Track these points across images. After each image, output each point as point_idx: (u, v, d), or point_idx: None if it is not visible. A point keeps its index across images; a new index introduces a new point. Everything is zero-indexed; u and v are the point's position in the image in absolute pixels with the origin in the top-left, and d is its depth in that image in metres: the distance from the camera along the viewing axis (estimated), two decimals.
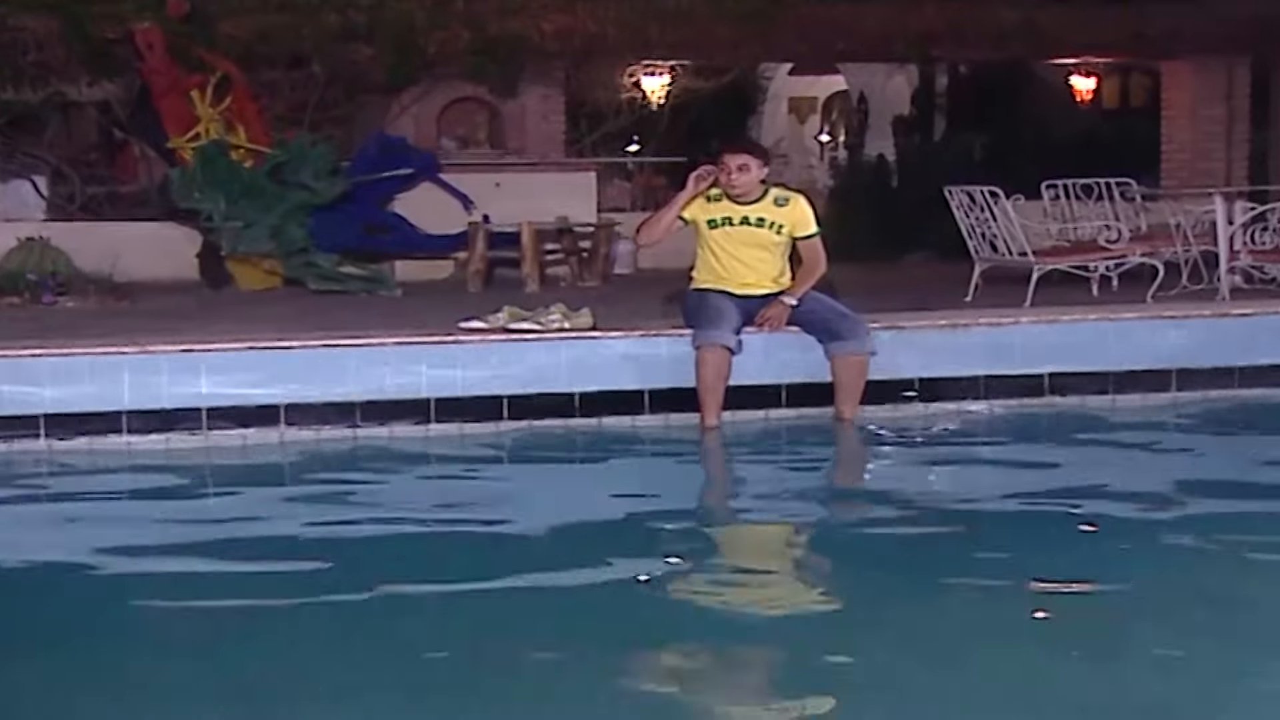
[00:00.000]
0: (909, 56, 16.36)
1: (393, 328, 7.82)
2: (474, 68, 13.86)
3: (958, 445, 7.21)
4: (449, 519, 5.87)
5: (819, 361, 7.44)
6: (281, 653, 4.28)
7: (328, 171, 11.78)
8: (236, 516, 5.90)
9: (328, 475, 6.62)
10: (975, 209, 10.59)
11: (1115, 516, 5.65)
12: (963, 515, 5.82)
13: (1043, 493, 6.14)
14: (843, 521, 6.00)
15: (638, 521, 5.76)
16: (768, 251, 7.50)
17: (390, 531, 5.67)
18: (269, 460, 6.84)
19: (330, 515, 5.89)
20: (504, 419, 7.28)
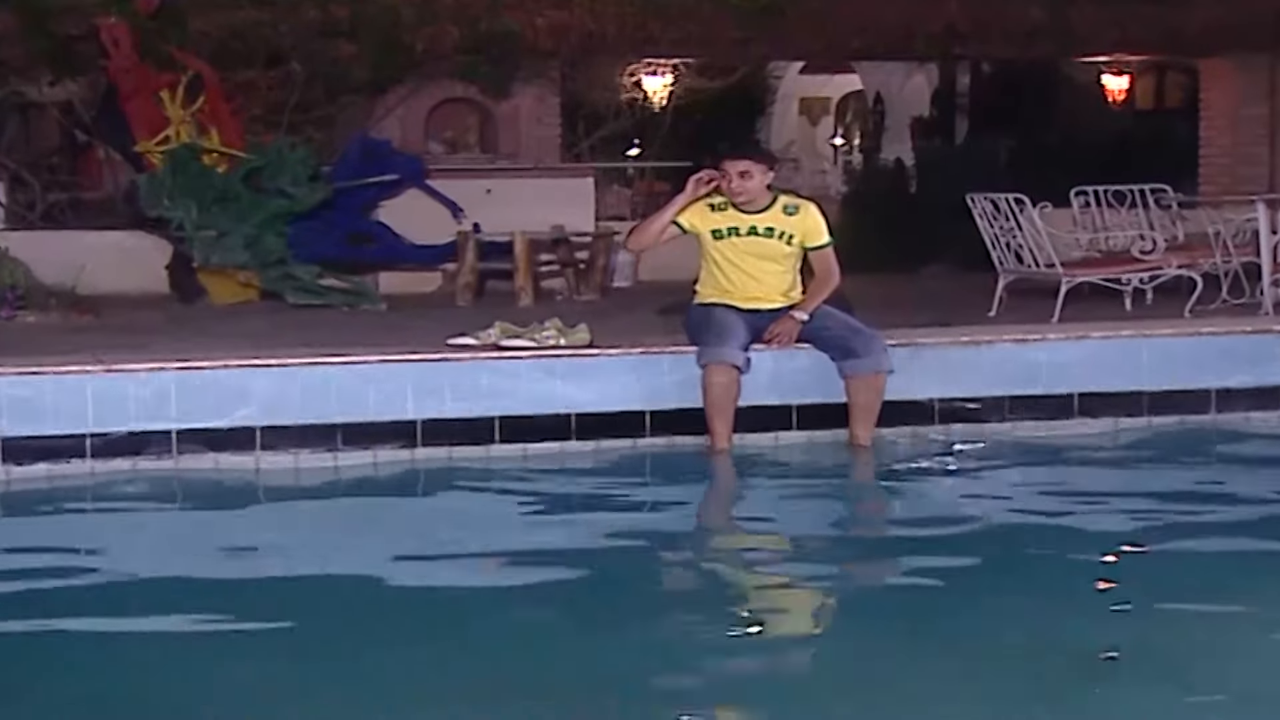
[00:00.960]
0: (929, 54, 16.40)
1: (376, 345, 7.83)
2: (464, 66, 13.88)
3: (981, 471, 7.22)
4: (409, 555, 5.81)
5: (832, 381, 7.45)
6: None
7: (307, 177, 11.79)
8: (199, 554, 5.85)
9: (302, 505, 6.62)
10: (999, 217, 10.60)
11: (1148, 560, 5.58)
12: (986, 548, 5.79)
13: (1073, 525, 6.13)
14: (858, 555, 5.98)
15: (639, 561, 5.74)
16: (777, 263, 7.51)
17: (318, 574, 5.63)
18: (244, 484, 6.85)
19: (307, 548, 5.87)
20: (495, 442, 7.29)
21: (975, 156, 16.97)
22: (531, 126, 14.61)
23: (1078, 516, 6.27)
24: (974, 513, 6.42)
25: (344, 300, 11.51)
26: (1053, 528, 6.10)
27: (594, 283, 12.60)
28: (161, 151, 11.72)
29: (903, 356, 7.62)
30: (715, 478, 7.22)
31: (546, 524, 6.33)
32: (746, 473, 7.16)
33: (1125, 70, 18.61)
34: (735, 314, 7.44)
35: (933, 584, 5.34)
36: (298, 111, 13.72)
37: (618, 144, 17.76)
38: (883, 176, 17.39)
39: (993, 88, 19.40)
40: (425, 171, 13.18)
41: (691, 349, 7.40)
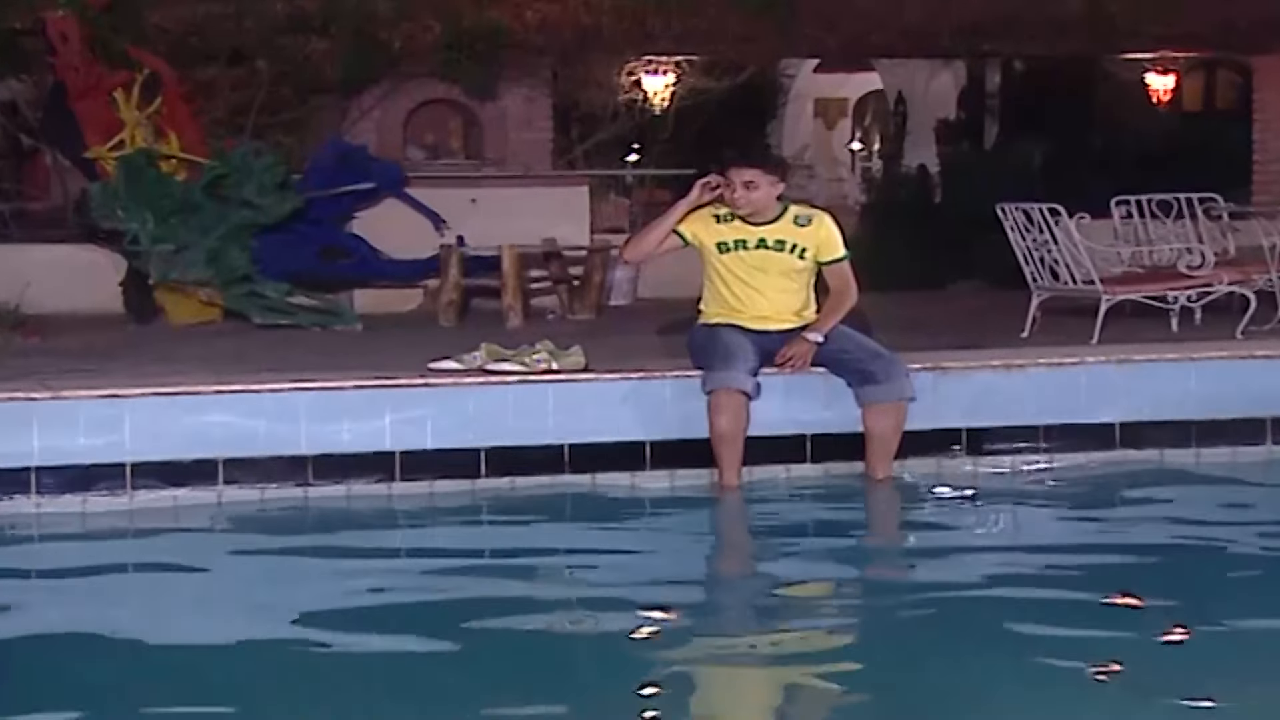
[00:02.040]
0: (955, 51, 16.45)
1: (351, 369, 7.83)
2: (446, 65, 13.91)
3: (1013, 509, 7.22)
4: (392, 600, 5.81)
5: (849, 409, 7.45)
6: None
7: (275, 186, 11.80)
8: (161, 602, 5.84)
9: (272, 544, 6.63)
10: (1033, 229, 10.61)
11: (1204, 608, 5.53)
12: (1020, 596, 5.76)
13: (1114, 566, 6.12)
14: (877, 602, 5.96)
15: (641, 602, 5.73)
16: (788, 279, 7.52)
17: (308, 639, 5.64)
18: (202, 524, 6.85)
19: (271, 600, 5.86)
20: (481, 476, 7.30)
21: (1006, 163, 16.97)
22: (520, 130, 14.64)
23: (1117, 558, 6.26)
24: (1006, 556, 6.40)
25: (315, 320, 11.52)
26: (1090, 570, 6.09)
27: (589, 301, 12.60)
28: (115, 157, 11.73)
29: (926, 382, 7.63)
30: (722, 516, 7.22)
31: (532, 567, 6.31)
32: (756, 510, 7.15)
33: (1171, 68, 18.64)
34: (743, 335, 7.44)
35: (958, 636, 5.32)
36: (264, 114, 13.74)
37: (615, 149, 17.78)
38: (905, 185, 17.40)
39: (1025, 87, 19.42)
40: (404, 179, 13.19)
41: (696, 373, 7.41)
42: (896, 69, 22.21)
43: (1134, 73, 18.65)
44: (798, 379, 7.50)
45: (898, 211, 16.23)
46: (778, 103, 21.39)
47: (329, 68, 13.63)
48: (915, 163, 18.58)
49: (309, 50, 13.51)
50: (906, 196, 16.86)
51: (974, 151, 19.37)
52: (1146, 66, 18.49)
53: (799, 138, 24.40)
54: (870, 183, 19.34)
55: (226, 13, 13.19)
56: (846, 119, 28.73)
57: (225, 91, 13.59)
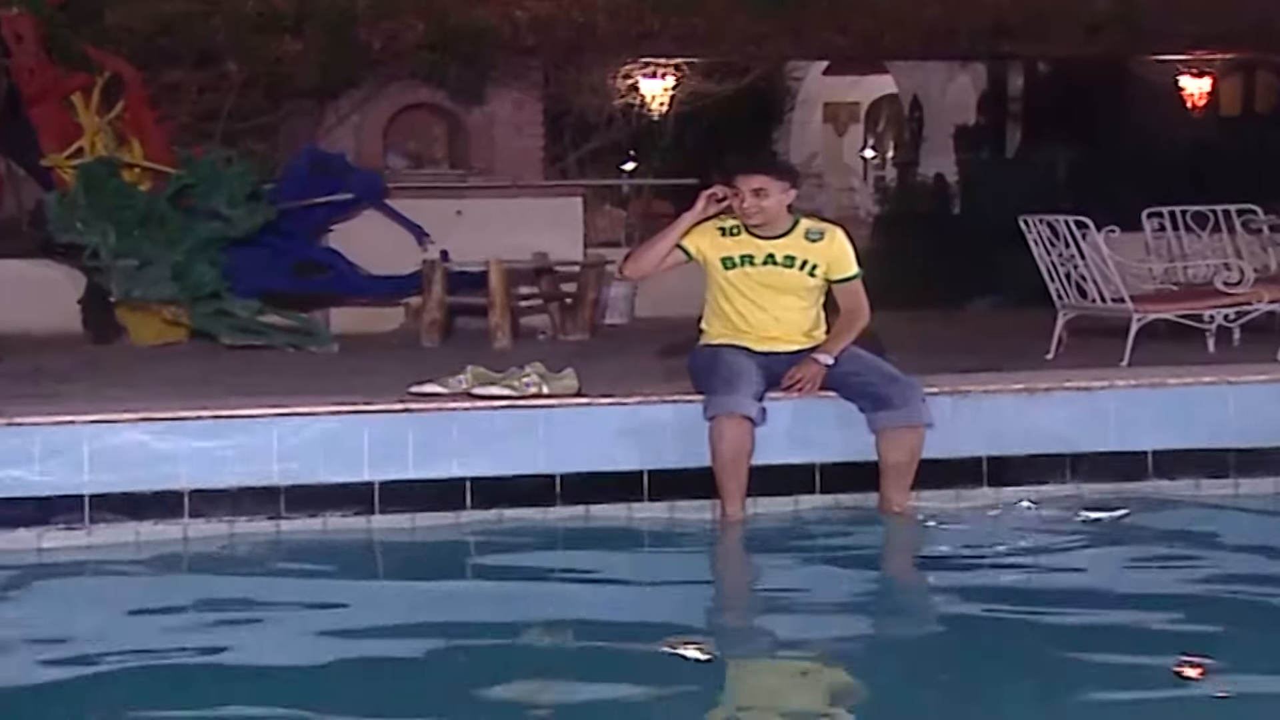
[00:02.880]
0: (975, 52, 16.47)
1: (327, 393, 7.82)
2: (430, 67, 13.91)
3: (1038, 543, 7.20)
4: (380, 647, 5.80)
5: (862, 436, 7.45)
6: None
7: (245, 197, 11.80)
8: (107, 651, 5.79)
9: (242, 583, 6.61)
10: (1059, 244, 10.61)
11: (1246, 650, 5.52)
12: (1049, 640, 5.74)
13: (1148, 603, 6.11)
14: (893, 645, 5.96)
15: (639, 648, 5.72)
16: (798, 298, 7.52)
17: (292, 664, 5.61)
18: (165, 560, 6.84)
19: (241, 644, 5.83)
20: (466, 508, 7.29)
21: (1030, 172, 17.02)
22: (509, 137, 14.63)
23: (1155, 598, 6.23)
24: (1031, 595, 6.39)
25: (289, 341, 11.51)
26: (1123, 613, 6.06)
27: (583, 320, 12.60)
28: (74, 166, 11.73)
29: (945, 407, 7.62)
30: (725, 551, 7.21)
31: (520, 607, 6.28)
32: (762, 545, 7.14)
33: (1207, 70, 18.66)
34: (748, 357, 7.44)
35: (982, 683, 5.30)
36: (234, 119, 13.73)
37: (610, 158, 17.80)
38: (921, 195, 17.46)
39: (1050, 91, 19.46)
40: (385, 190, 13.19)
41: (697, 398, 7.40)
42: (912, 71, 22.28)
43: (1167, 75, 18.67)
44: (806, 404, 7.49)
45: (913, 224, 16.29)
46: (785, 107, 21.44)
47: (304, 70, 13.62)
48: (932, 171, 18.65)
49: (282, 51, 13.51)
50: (922, 207, 16.93)
51: (995, 159, 19.41)
52: (1180, 68, 18.51)
53: (807, 145, 24.43)
54: (884, 193, 19.41)
55: (193, 11, 13.19)
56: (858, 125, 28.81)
57: (192, 95, 13.59)
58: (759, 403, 7.31)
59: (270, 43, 13.46)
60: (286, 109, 14.22)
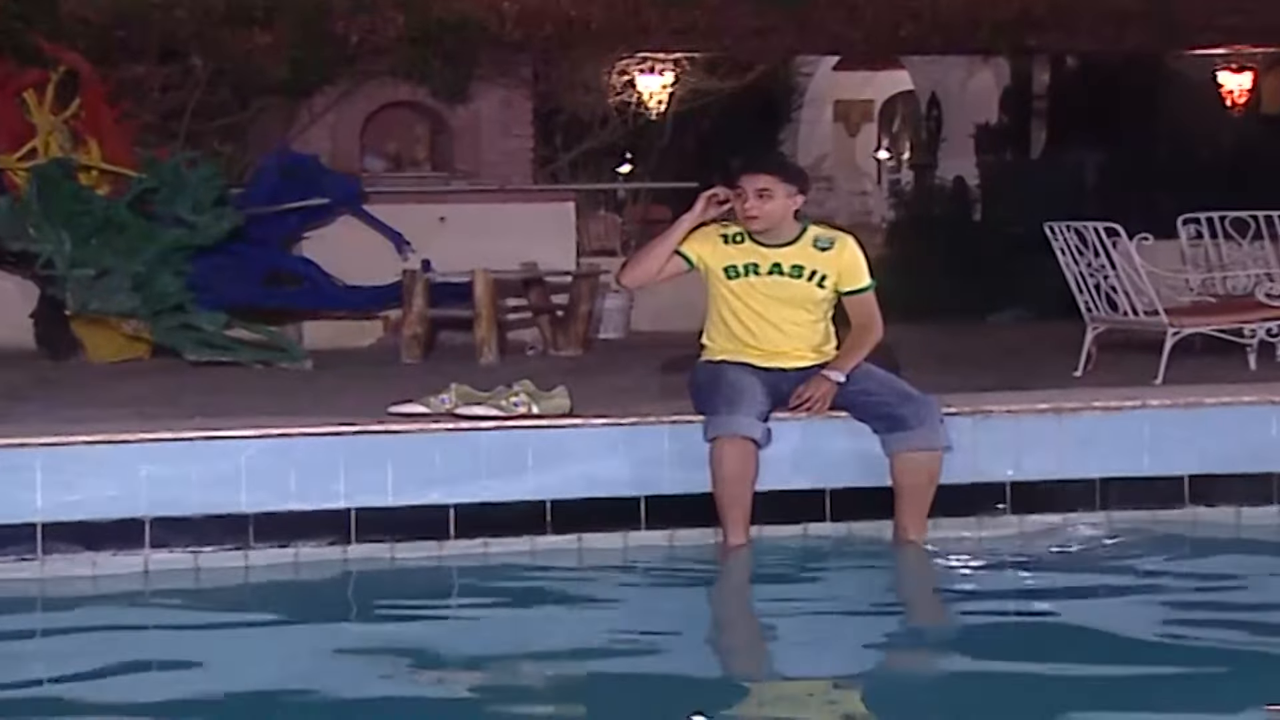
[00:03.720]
0: (998, 46, 16.46)
1: (300, 413, 7.82)
2: (411, 62, 13.93)
3: (1066, 575, 7.20)
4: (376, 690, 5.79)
5: (875, 459, 7.44)
6: None
7: (212, 202, 11.81)
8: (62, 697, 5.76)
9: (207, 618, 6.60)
10: (1087, 252, 10.62)
11: None
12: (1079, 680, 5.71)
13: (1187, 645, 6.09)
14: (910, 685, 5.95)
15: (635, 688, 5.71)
16: (805, 310, 7.52)
17: None
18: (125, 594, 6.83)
19: None
20: (450, 537, 7.28)
21: (1056, 174, 17.03)
22: (496, 138, 14.64)
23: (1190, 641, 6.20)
24: (1059, 633, 6.36)
25: (258, 357, 11.51)
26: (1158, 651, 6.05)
27: (575, 334, 12.60)
28: (26, 168, 11.73)
29: (965, 428, 7.62)
30: (727, 583, 7.20)
31: (507, 643, 6.28)
32: (767, 576, 7.13)
33: (1247, 65, 18.67)
34: (753, 374, 7.44)
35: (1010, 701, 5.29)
36: (200, 118, 13.74)
37: (605, 160, 17.78)
38: (939, 199, 17.44)
39: (1078, 88, 19.47)
40: (362, 194, 13.20)
41: (697, 418, 7.40)
42: (929, 67, 22.28)
43: (1204, 70, 18.68)
44: (815, 424, 7.49)
45: (931, 230, 16.27)
46: (792, 106, 21.40)
47: (275, 65, 13.63)
48: (951, 174, 18.64)
49: (251, 45, 13.52)
50: (941, 213, 16.90)
51: (1019, 161, 19.41)
52: (1219, 63, 18.53)
53: (817, 146, 24.44)
54: (899, 197, 19.38)
55: (155, 1, 13.20)
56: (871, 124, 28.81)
57: (154, 92, 13.59)
58: (764, 423, 7.30)
59: (239, 36, 13.46)
60: (256, 107, 14.22)
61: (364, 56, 13.84)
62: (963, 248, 15.52)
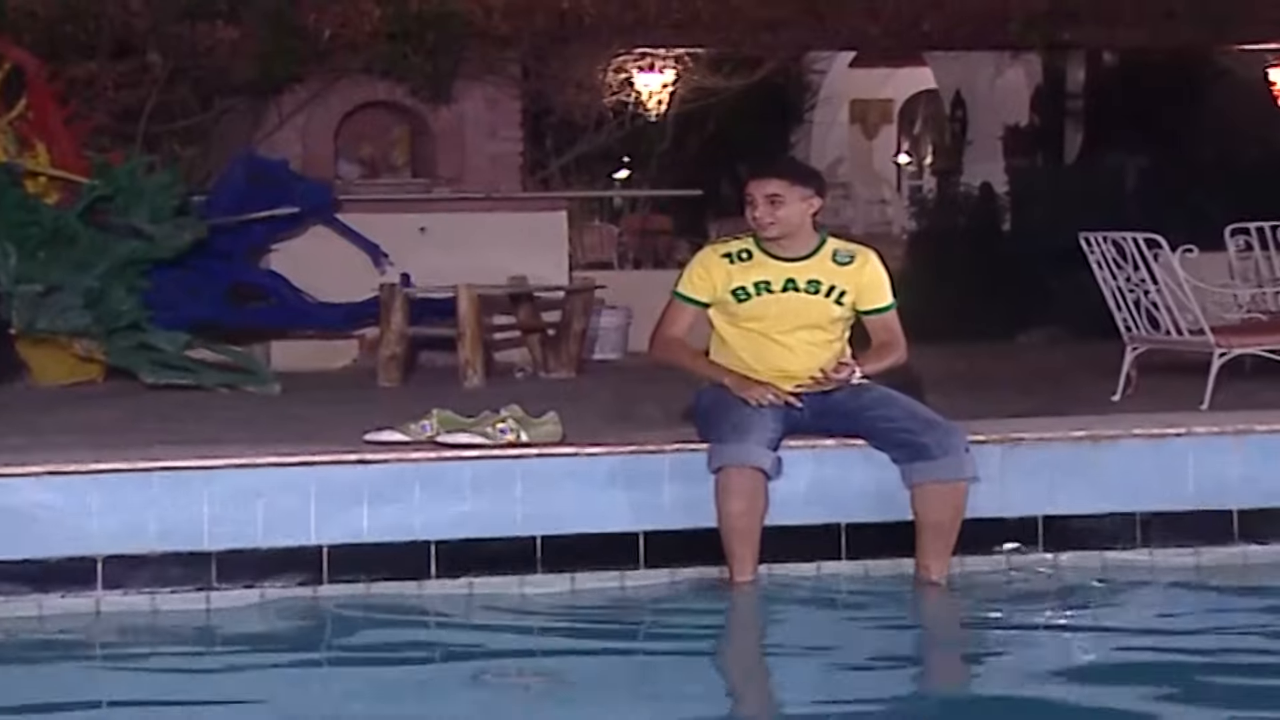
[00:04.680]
0: (1029, 40, 16.47)
1: (267, 441, 7.81)
2: (389, 58, 13.93)
3: (1105, 620, 7.20)
4: None
5: (895, 491, 7.44)
6: None
7: (171, 211, 11.81)
8: None
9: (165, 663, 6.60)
10: (1126, 265, 10.62)
11: None
12: None
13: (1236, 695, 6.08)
14: None
15: None
16: (822, 330, 7.51)
17: None
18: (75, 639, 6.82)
19: None
20: (431, 576, 7.28)
21: (1092, 180, 17.03)
22: (482, 141, 14.66)
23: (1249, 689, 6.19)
24: (1099, 681, 6.36)
25: (222, 380, 11.50)
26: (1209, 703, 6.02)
27: (568, 355, 12.60)
28: None
29: (993, 458, 7.62)
30: (733, 626, 7.20)
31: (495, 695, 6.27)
32: (776, 618, 7.14)
33: None
34: None
35: None
36: (158, 120, 13.74)
37: (600, 165, 17.81)
38: (965, 208, 17.44)
39: (1117, 86, 19.48)
40: (335, 202, 13.21)
41: (702, 446, 7.40)
42: (954, 63, 22.27)
43: (1254, 67, 18.68)
44: (830, 454, 7.50)
45: (955, 242, 16.28)
46: (804, 106, 21.44)
47: (240, 62, 13.63)
48: (977, 180, 18.62)
49: (214, 40, 13.53)
50: (966, 223, 16.90)
51: (1052, 166, 19.43)
52: (1270, 59, 18.54)
53: (831, 149, 24.48)
54: (920, 206, 19.38)
55: None
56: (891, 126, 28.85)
57: (108, 91, 13.59)
58: (774, 453, 7.29)
59: (200, 30, 13.47)
60: (220, 108, 14.24)
61: (337, 52, 13.84)
62: (990, 261, 15.54)
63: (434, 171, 14.53)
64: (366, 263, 12.96)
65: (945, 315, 13.38)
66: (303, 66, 13.85)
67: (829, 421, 7.50)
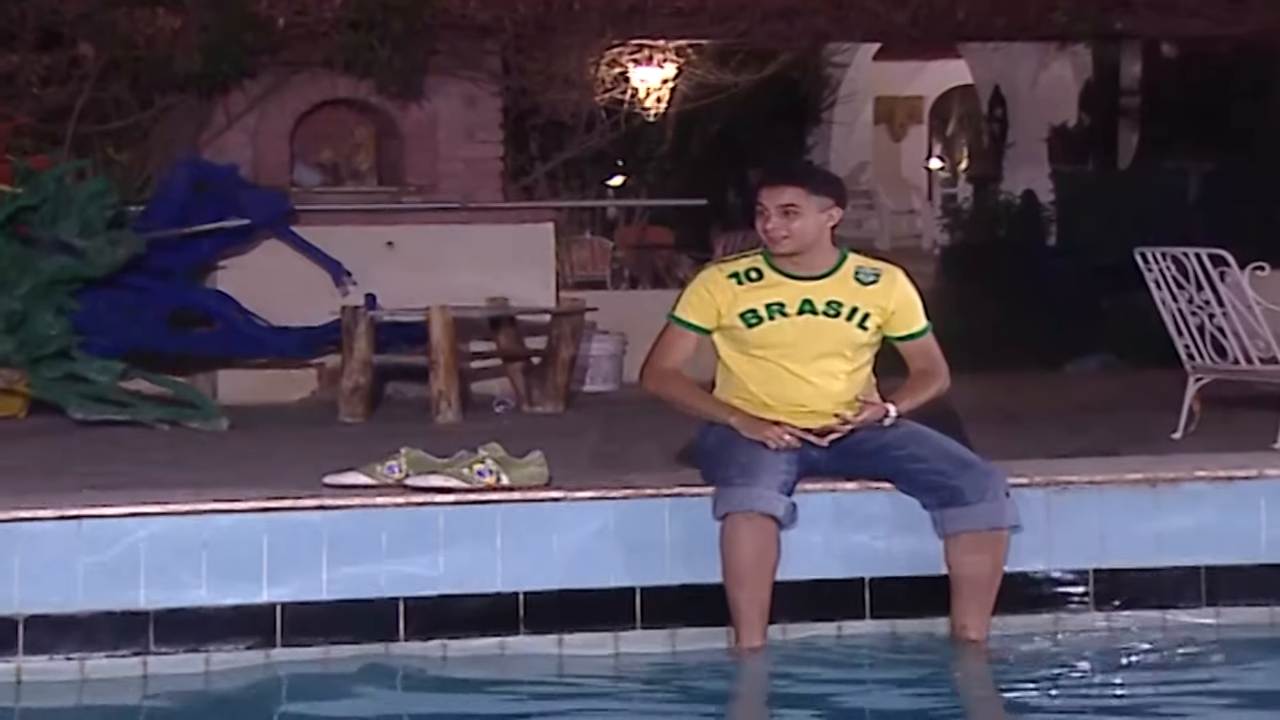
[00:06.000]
0: (1077, 30, 16.52)
1: (213, 485, 7.80)
2: (352, 50, 13.95)
3: (1164, 687, 7.19)
4: None
5: (926, 541, 7.44)
6: None
7: (104, 224, 11.81)
8: None
9: None
10: (1188, 285, 10.63)
11: None
12: None
13: None
14: None
15: None
16: (842, 358, 7.50)
17: None
18: None
19: None
20: (399, 638, 7.27)
21: (1150, 188, 17.07)
22: (457, 144, 14.67)
23: None
24: None
25: (162, 415, 11.50)
26: None
27: (555, 386, 12.60)
28: None
29: (1037, 504, 7.62)
30: (741, 696, 7.19)
31: None
32: (790, 686, 7.13)
33: None
34: None
35: None
36: (90, 120, 13.75)
37: (592, 171, 17.83)
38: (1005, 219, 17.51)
39: (1178, 82, 19.53)
40: (291, 214, 13.22)
41: (706, 490, 7.40)
42: (993, 56, 22.32)
43: None
44: (851, 498, 7.49)
45: (995, 257, 16.32)
46: (823, 104, 21.50)
47: (183, 54, 13.65)
48: (1019, 188, 18.71)
49: (154, 29, 13.55)
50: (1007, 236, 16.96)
51: (1103, 172, 19.48)
52: None
53: (853, 153, 24.55)
54: (955, 217, 19.49)
55: None
56: (921, 126, 28.93)
57: (33, 88, 13.60)
58: (787, 497, 7.28)
59: (138, 18, 13.49)
60: (160, 106, 14.24)
61: (293, 43, 13.87)
62: (1034, 279, 15.57)
63: (403, 178, 14.55)
64: (327, 282, 12.98)
65: (983, 341, 13.40)
66: (254, 59, 13.87)
67: (850, 461, 7.48)
